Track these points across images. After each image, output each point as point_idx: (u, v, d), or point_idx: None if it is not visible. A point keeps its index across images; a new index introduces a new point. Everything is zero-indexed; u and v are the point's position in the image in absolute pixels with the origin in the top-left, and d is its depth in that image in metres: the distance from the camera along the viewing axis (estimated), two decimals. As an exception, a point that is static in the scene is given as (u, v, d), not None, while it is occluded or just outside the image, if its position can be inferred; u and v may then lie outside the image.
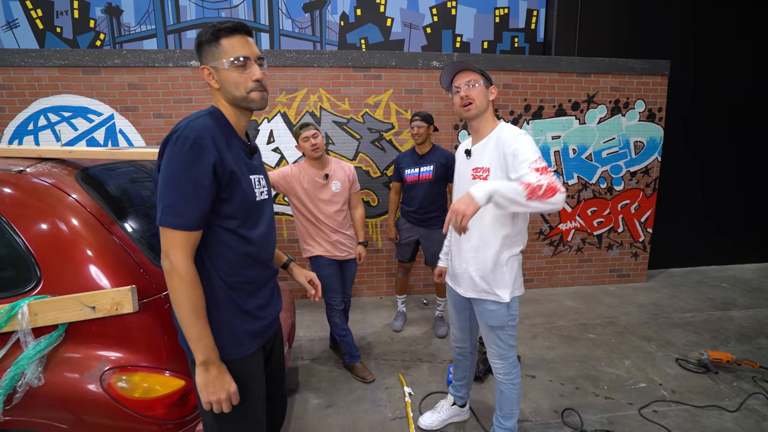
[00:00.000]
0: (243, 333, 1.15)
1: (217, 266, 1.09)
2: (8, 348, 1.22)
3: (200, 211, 1.01)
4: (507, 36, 4.52)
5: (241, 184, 1.09)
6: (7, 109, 3.41)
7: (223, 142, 1.06)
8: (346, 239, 2.52)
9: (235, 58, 1.05)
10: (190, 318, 1.02)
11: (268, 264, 1.24)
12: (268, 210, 1.24)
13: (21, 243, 1.26)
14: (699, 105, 4.54)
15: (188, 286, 1.01)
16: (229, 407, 1.08)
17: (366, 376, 2.54)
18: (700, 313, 3.57)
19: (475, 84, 1.60)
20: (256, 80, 1.07)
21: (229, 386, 1.07)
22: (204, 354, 1.03)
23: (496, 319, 1.70)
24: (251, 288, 1.17)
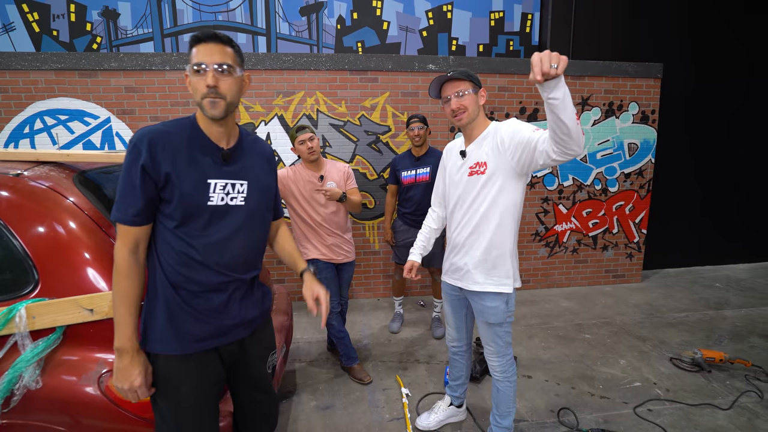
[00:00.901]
0: (178, 331, 1.15)
1: (162, 262, 1.14)
2: (6, 351, 1.22)
3: (135, 208, 1.07)
4: (502, 39, 4.55)
5: (179, 187, 1.09)
6: (3, 112, 3.41)
7: (172, 145, 1.10)
8: (343, 242, 2.53)
9: (195, 64, 1.09)
10: (116, 304, 1.09)
11: (224, 271, 1.18)
12: (235, 216, 1.20)
13: (19, 246, 1.27)
14: (692, 107, 4.59)
15: (118, 275, 1.09)
16: (135, 398, 1.11)
17: (363, 378, 2.55)
18: (694, 312, 3.61)
19: (463, 93, 1.61)
20: (208, 86, 1.08)
21: (134, 380, 1.09)
22: (119, 341, 1.09)
23: (495, 316, 1.72)
24: (197, 289, 1.16)
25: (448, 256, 1.87)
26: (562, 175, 4.14)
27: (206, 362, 1.20)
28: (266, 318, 1.41)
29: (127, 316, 1.08)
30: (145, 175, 1.06)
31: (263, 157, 1.32)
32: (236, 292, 1.24)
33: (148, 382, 1.13)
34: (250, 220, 1.24)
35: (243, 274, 1.25)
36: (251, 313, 1.29)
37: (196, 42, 1.10)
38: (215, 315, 1.19)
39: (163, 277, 1.14)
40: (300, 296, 3.96)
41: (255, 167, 1.27)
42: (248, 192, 1.23)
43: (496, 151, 1.61)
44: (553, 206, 4.18)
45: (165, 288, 1.14)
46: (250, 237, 1.25)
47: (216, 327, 1.20)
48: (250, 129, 3.67)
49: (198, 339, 1.17)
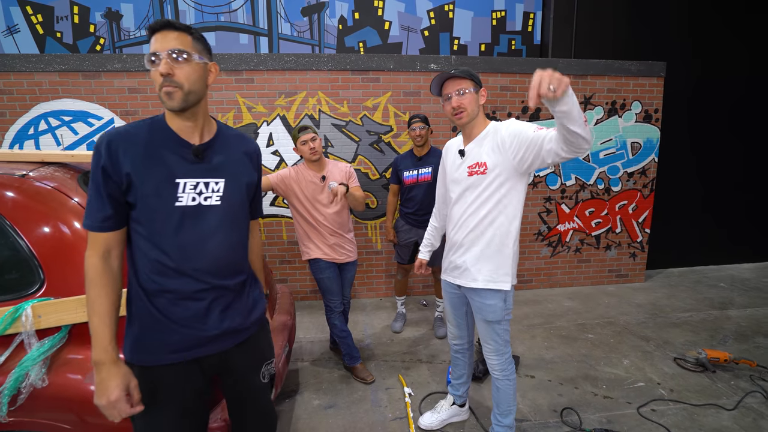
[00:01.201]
0: (153, 342, 1.09)
1: (136, 270, 1.09)
2: (12, 350, 1.23)
3: (101, 212, 1.03)
4: (504, 38, 4.55)
5: (141, 188, 1.04)
6: (7, 113, 3.43)
7: (135, 145, 1.05)
8: (345, 242, 2.53)
9: (150, 54, 1.02)
10: (88, 314, 1.04)
11: (201, 277, 1.11)
12: (210, 217, 1.12)
13: (24, 246, 1.28)
14: (695, 105, 4.57)
15: (89, 284, 1.04)
16: (115, 416, 1.02)
17: (366, 377, 2.55)
18: (698, 312, 3.59)
19: (464, 91, 1.62)
20: (161, 75, 1.01)
21: (110, 394, 1.00)
22: (95, 353, 1.03)
23: (494, 314, 1.73)
24: (173, 297, 1.09)
25: (447, 255, 1.89)
26: (565, 175, 4.13)
27: (184, 373, 1.13)
28: (258, 328, 1.30)
29: (101, 326, 1.02)
30: (107, 178, 1.02)
31: (245, 153, 1.24)
32: (217, 301, 1.15)
33: (134, 398, 1.05)
34: (229, 220, 1.16)
35: (225, 279, 1.16)
36: (236, 323, 1.19)
37: (152, 32, 1.04)
38: (193, 325, 1.11)
39: (137, 286, 1.09)
40: (303, 295, 3.97)
41: (234, 164, 1.19)
42: (225, 190, 1.14)
43: (496, 150, 1.62)
44: (556, 206, 4.17)
45: (140, 296, 1.09)
46: (231, 238, 1.17)
47: (194, 338, 1.12)
48: (252, 129, 3.69)
49: (174, 350, 1.10)
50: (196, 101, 1.08)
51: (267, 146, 3.73)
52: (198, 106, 1.10)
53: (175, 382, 1.13)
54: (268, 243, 3.87)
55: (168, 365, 1.11)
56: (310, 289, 3.98)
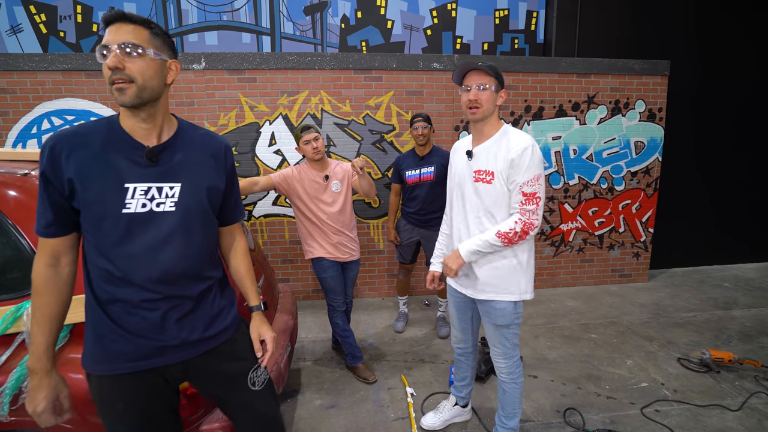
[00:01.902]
0: (107, 351, 1.05)
1: (90, 277, 1.05)
2: (14, 349, 1.23)
3: (45, 218, 1.00)
4: (507, 37, 4.53)
5: (84, 195, 0.98)
6: (11, 112, 3.44)
7: (81, 148, 0.99)
8: (348, 241, 2.53)
9: (101, 46, 0.95)
10: (31, 321, 1.02)
11: (153, 287, 1.04)
12: (163, 224, 1.05)
13: (26, 245, 1.28)
14: (700, 104, 4.54)
15: (33, 291, 1.02)
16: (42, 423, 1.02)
17: (368, 377, 2.55)
18: (702, 312, 3.57)
19: (485, 87, 1.57)
20: (109, 68, 0.94)
21: (37, 404, 1.00)
22: (30, 361, 1.01)
23: (503, 318, 1.70)
24: (125, 306, 1.04)
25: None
26: (568, 174, 4.11)
27: (143, 381, 1.09)
28: (232, 334, 1.23)
29: (39, 335, 1.00)
30: (47, 183, 0.98)
31: (209, 153, 1.15)
32: (173, 311, 1.08)
33: (58, 408, 1.03)
34: (185, 227, 1.07)
35: (181, 289, 1.09)
36: (196, 334, 1.12)
37: (104, 24, 0.97)
38: (149, 335, 1.06)
39: (90, 294, 1.05)
40: (305, 295, 3.97)
41: (195, 166, 1.10)
42: (181, 195, 1.06)
43: (505, 168, 1.58)
44: (559, 205, 4.15)
45: (92, 305, 1.05)
46: (187, 246, 1.08)
47: (150, 348, 1.07)
48: (254, 128, 3.68)
49: (130, 359, 1.06)
50: (151, 98, 1.00)
51: (269, 145, 3.73)
52: (155, 104, 1.03)
53: (134, 391, 1.09)
54: (270, 242, 3.87)
55: (125, 374, 1.06)
56: (312, 288, 3.97)
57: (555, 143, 4.03)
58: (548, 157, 4.05)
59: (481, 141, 1.66)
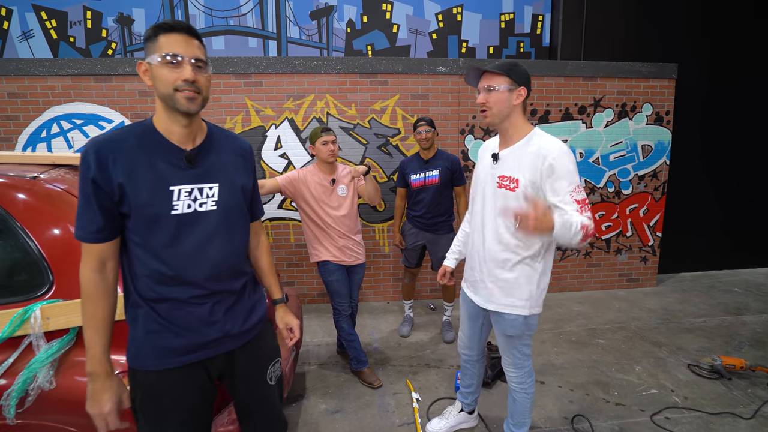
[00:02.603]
0: (157, 347, 1.09)
1: (135, 280, 1.08)
2: (21, 351, 1.24)
3: (93, 224, 1.00)
4: (512, 41, 4.53)
5: (134, 199, 1.01)
6: (21, 117, 3.48)
7: (125, 153, 1.02)
8: (354, 245, 2.52)
9: (167, 53, 0.99)
10: (84, 327, 1.04)
11: (201, 283, 1.10)
12: (207, 223, 1.10)
13: (34, 248, 1.29)
14: (708, 108, 4.50)
15: (84, 297, 1.03)
16: (104, 427, 1.04)
17: (373, 382, 2.53)
18: (712, 318, 3.52)
19: (493, 88, 1.49)
20: (185, 80, 1.00)
21: (103, 406, 1.02)
22: (89, 365, 1.03)
23: (513, 329, 1.65)
24: (174, 303, 1.08)
25: (469, 261, 1.79)
26: (575, 178, 4.07)
27: (189, 376, 1.14)
28: (262, 329, 1.29)
29: (96, 339, 1.03)
30: (97, 189, 0.99)
31: (237, 153, 1.21)
32: (219, 305, 1.14)
33: (120, 410, 1.06)
34: (226, 225, 1.14)
35: (225, 284, 1.15)
36: (238, 326, 1.19)
37: (167, 31, 1.00)
38: (197, 329, 1.11)
39: (135, 294, 1.08)
40: (310, 299, 3.96)
41: (227, 166, 1.16)
42: (220, 195, 1.12)
43: (533, 175, 1.47)
44: (565, 209, 4.12)
45: (140, 304, 1.08)
46: (229, 243, 1.15)
47: (198, 341, 1.12)
48: (260, 132, 3.70)
49: (178, 354, 1.10)
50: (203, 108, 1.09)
51: (275, 149, 3.74)
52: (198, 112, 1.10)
53: (180, 385, 1.13)
54: (276, 246, 3.87)
55: (173, 369, 1.10)
56: (317, 292, 3.97)
57: (561, 147, 4.00)
58: (554, 160, 4.02)
59: (508, 145, 1.58)
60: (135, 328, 1.10)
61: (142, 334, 1.09)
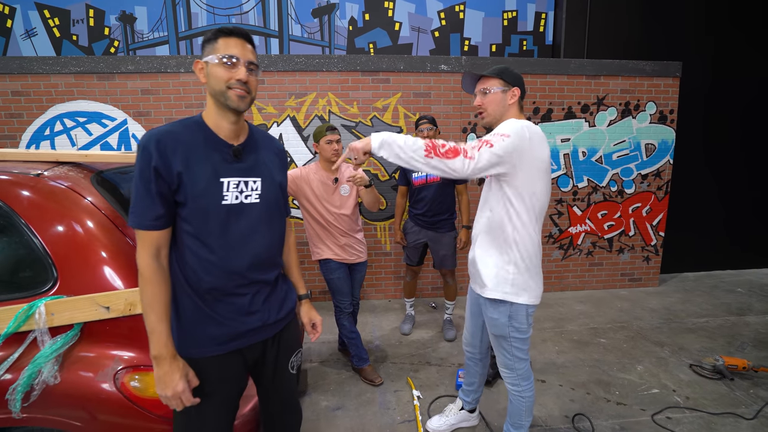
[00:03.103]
0: (200, 335, 1.14)
1: (182, 268, 1.13)
2: (26, 346, 1.25)
3: (152, 212, 1.05)
4: (515, 39, 4.52)
5: (192, 187, 1.07)
6: (25, 114, 3.50)
7: (181, 144, 1.08)
8: (355, 243, 2.53)
9: (224, 55, 1.08)
10: (146, 311, 1.08)
11: (245, 272, 1.16)
12: (251, 214, 1.17)
13: (39, 244, 1.29)
14: (712, 107, 4.48)
15: (145, 282, 1.07)
16: (179, 405, 1.09)
17: (374, 379, 2.54)
18: (715, 318, 3.51)
19: (488, 91, 1.58)
20: (239, 80, 1.09)
21: (176, 385, 1.07)
22: (155, 349, 1.07)
23: (495, 327, 1.68)
24: (219, 293, 1.14)
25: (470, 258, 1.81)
26: (577, 177, 4.07)
27: (228, 364, 1.20)
28: (290, 320, 1.36)
29: (159, 323, 1.07)
30: (158, 177, 1.04)
31: (275, 153, 1.30)
32: (258, 295, 1.21)
33: (191, 386, 1.11)
34: (267, 217, 1.22)
35: (265, 274, 1.23)
36: (274, 315, 1.26)
37: (227, 35, 1.09)
38: (238, 318, 1.17)
39: (183, 282, 1.13)
40: (314, 297, 3.97)
41: (268, 163, 1.24)
42: (262, 189, 1.20)
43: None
44: (568, 208, 4.12)
45: (186, 292, 1.13)
46: (269, 235, 1.23)
47: (238, 330, 1.18)
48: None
49: (220, 342, 1.16)
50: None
51: (277, 147, 3.74)
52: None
53: (220, 373, 1.18)
54: (278, 243, 3.87)
55: (214, 357, 1.16)
56: (319, 290, 3.98)
57: (564, 145, 4.00)
58: (557, 159, 4.01)
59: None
60: (179, 316, 1.14)
61: (186, 323, 1.14)
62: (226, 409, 1.23)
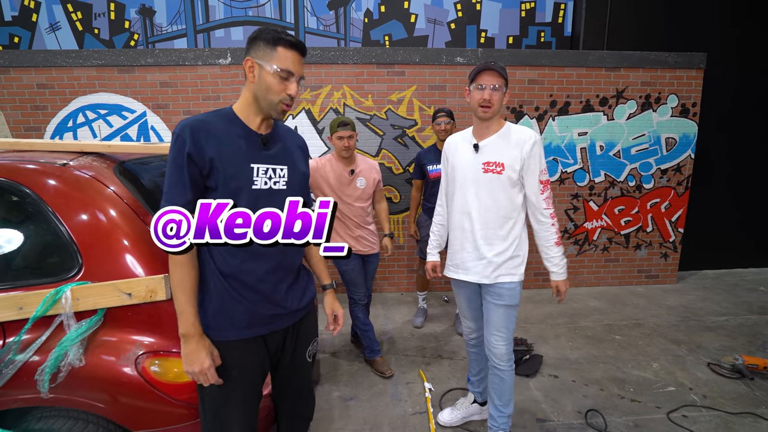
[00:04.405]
0: (228, 318, 1.18)
1: (211, 253, 1.17)
2: (53, 330, 1.29)
3: (185, 196, 1.09)
4: (533, 30, 4.43)
5: (223, 171, 1.12)
6: (49, 107, 3.60)
7: (213, 133, 1.12)
8: (369, 234, 2.54)
9: (283, 68, 1.12)
10: (175, 292, 1.13)
11: (271, 256, 1.20)
12: (279, 200, 1.17)
13: (65, 232, 1.34)
14: (736, 100, 4.32)
15: (174, 264, 1.12)
16: (206, 381, 1.14)
17: (385, 371, 2.56)
18: (735, 317, 3.42)
19: (497, 88, 1.66)
20: (289, 95, 1.14)
21: (203, 362, 1.12)
22: (183, 327, 1.12)
23: (512, 297, 1.77)
24: (247, 278, 1.18)
25: (453, 247, 1.88)
26: (594, 171, 4.00)
27: (254, 349, 1.24)
28: (309, 309, 1.40)
29: (187, 304, 1.12)
30: (191, 163, 1.09)
31: (297, 145, 1.35)
32: (282, 282, 1.25)
33: (216, 365, 1.16)
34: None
35: (290, 262, 1.27)
36: (296, 302, 1.30)
37: (288, 46, 1.12)
38: (262, 304, 1.21)
39: (213, 267, 1.17)
40: (324, 288, 4.01)
41: (291, 153, 1.29)
42: (289, 176, 1.25)
43: (517, 159, 1.70)
44: (584, 203, 4.05)
45: (215, 277, 1.17)
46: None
47: (263, 315, 1.22)
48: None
49: (246, 326, 1.20)
50: None
51: (292, 140, 3.77)
52: None
53: (248, 357, 1.23)
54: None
55: (240, 340, 1.20)
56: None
57: (581, 139, 3.93)
58: (573, 153, 3.95)
59: (487, 136, 1.75)
60: (207, 300, 1.18)
61: (215, 306, 1.18)
62: (250, 392, 1.26)
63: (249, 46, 1.16)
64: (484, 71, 1.67)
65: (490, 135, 1.75)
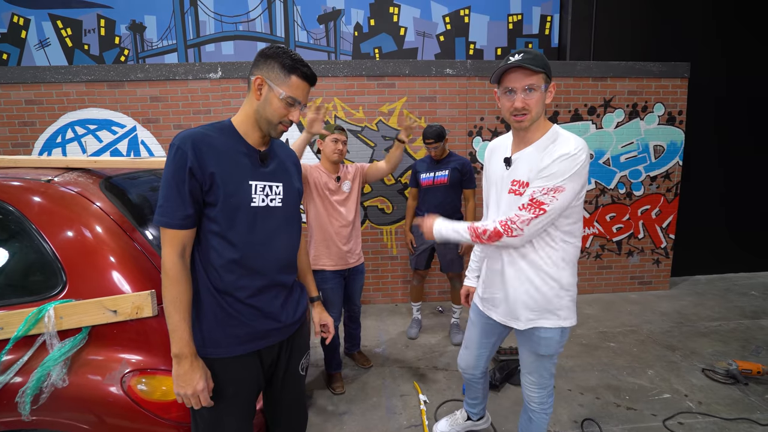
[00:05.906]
0: (223, 335, 1.16)
1: (206, 269, 1.15)
2: (35, 350, 1.26)
3: (182, 211, 1.07)
4: (521, 42, 4.51)
5: (224, 188, 1.10)
6: (37, 123, 3.58)
7: (214, 147, 1.11)
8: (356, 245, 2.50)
9: (292, 97, 1.14)
10: (168, 310, 1.09)
11: (267, 273, 1.20)
12: (275, 217, 1.22)
13: (48, 249, 1.31)
14: (722, 108, 4.42)
15: (170, 281, 1.08)
16: (197, 404, 1.11)
17: (335, 388, 2.50)
18: (728, 321, 3.44)
19: (534, 88, 1.29)
20: (292, 121, 1.18)
21: (197, 384, 1.09)
22: (177, 347, 1.08)
23: (548, 348, 1.47)
24: (242, 294, 1.17)
25: (485, 276, 1.62)
26: (584, 179, 4.03)
27: (248, 365, 1.22)
28: (303, 321, 1.40)
29: (182, 322, 1.09)
30: (192, 177, 1.07)
31: (291, 161, 1.36)
32: (278, 296, 1.25)
33: (210, 387, 1.13)
34: (288, 220, 1.27)
35: (285, 276, 1.27)
36: (291, 317, 1.29)
37: (302, 78, 1.14)
38: (258, 319, 1.20)
39: (207, 282, 1.15)
40: (318, 301, 3.97)
41: (286, 170, 1.30)
42: (284, 193, 1.25)
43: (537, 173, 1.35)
44: (575, 210, 4.07)
45: (209, 292, 1.15)
46: (290, 237, 1.28)
47: (258, 331, 1.21)
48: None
49: (242, 342, 1.19)
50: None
51: (283, 152, 3.77)
52: None
53: (240, 373, 1.21)
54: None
55: (235, 357, 1.18)
56: (325, 294, 3.98)
57: (571, 148, 3.97)
58: (564, 161, 3.98)
59: (522, 147, 1.40)
60: (201, 316, 1.16)
61: (208, 323, 1.16)
62: (246, 410, 1.25)
63: (261, 62, 1.15)
64: (511, 70, 1.30)
65: (525, 146, 1.38)
